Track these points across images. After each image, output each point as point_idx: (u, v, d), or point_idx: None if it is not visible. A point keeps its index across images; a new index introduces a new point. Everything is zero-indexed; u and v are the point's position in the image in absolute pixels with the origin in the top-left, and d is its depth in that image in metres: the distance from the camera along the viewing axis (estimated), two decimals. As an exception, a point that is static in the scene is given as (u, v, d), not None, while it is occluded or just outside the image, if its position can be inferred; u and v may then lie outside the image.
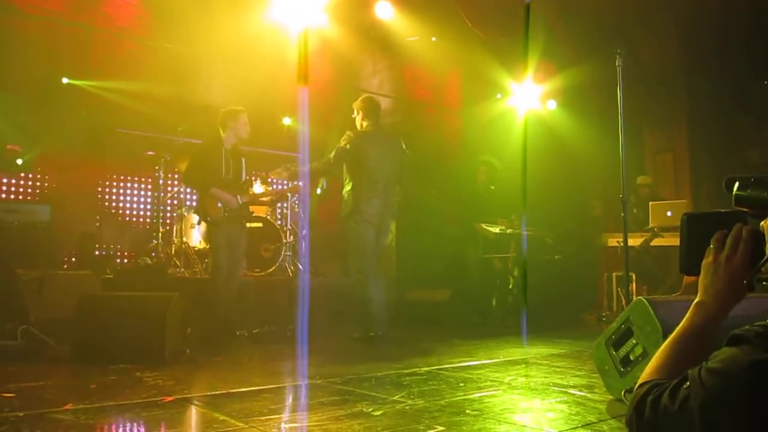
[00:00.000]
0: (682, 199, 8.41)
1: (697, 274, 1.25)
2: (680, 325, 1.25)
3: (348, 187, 5.59)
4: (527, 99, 9.60)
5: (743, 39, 8.01)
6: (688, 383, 1.05)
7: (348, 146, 5.54)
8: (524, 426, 2.67)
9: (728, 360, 1.00)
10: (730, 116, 8.74)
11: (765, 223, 1.14)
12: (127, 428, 2.81)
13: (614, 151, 5.43)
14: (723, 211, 1.27)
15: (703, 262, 1.24)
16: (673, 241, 7.15)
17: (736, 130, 8.80)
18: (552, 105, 9.90)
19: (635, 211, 8.21)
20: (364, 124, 5.72)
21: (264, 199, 7.12)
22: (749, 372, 0.95)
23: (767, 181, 1.16)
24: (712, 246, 1.23)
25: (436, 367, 4.16)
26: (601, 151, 7.92)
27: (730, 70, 8.31)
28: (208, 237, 6.23)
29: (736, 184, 1.20)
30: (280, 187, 8.28)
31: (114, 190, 8.44)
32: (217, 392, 3.37)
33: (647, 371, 1.23)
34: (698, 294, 1.25)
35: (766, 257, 1.10)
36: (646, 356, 3.00)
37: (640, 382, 1.20)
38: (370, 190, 5.54)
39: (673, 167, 9.24)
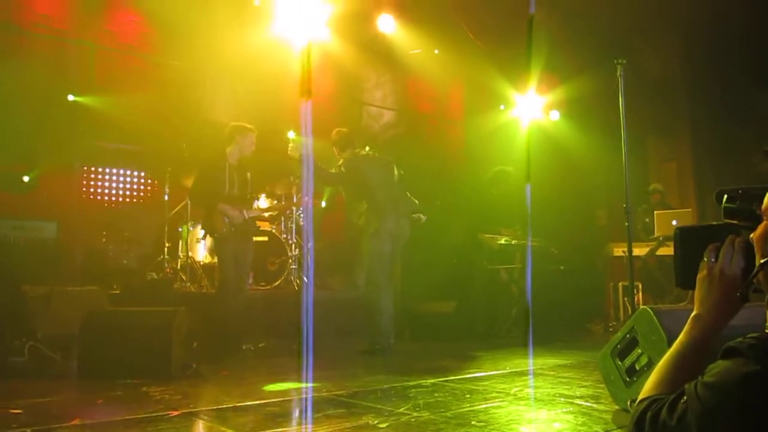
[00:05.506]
0: (687, 208, 8.39)
1: (693, 287, 1.26)
2: (678, 340, 1.26)
3: (362, 209, 5.67)
4: (530, 109, 9.62)
5: (744, 47, 8.02)
6: (685, 398, 1.06)
7: (348, 166, 5.64)
8: (530, 438, 2.67)
9: (722, 373, 1.01)
10: (732, 124, 8.73)
11: (755, 234, 1.15)
12: (134, 443, 2.81)
13: (618, 161, 5.42)
14: (715, 223, 1.28)
15: (698, 276, 1.25)
16: (679, 250, 7.11)
17: (739, 137, 8.79)
18: (555, 115, 9.91)
19: (647, 220, 8.17)
20: (344, 156, 5.83)
21: (268, 214, 7.14)
22: (742, 384, 0.97)
23: (755, 192, 1.17)
24: (705, 259, 1.24)
25: (442, 379, 4.16)
26: (605, 160, 7.93)
27: (731, 78, 8.32)
28: (215, 252, 6.26)
29: (725, 197, 1.21)
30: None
31: (120, 206, 8.48)
32: (224, 406, 3.38)
33: (647, 387, 1.24)
34: (694, 308, 1.26)
35: (757, 268, 1.11)
36: (651, 365, 2.99)
37: (639, 398, 1.21)
38: (386, 207, 5.65)
39: (677, 176, 9.24)
